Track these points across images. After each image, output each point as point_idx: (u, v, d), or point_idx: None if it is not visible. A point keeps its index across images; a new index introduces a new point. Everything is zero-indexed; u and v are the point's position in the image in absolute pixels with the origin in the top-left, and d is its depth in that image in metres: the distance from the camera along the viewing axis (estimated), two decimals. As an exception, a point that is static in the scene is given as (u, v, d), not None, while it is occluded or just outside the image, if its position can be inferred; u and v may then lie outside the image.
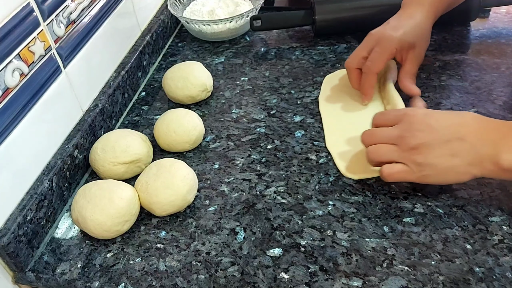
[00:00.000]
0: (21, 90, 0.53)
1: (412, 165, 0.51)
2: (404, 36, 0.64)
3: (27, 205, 0.53)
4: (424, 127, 0.51)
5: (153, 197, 0.55)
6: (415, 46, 0.65)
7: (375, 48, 0.64)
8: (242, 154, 0.64)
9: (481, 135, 0.49)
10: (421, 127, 0.51)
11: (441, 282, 0.47)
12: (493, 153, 0.48)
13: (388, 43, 0.64)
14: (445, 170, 0.50)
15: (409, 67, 0.67)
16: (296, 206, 0.56)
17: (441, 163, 0.50)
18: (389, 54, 0.64)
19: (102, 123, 0.68)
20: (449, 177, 0.51)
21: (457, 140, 0.49)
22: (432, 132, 0.50)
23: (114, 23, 0.72)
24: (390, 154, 0.53)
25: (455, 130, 0.50)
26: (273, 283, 0.49)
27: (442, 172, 0.51)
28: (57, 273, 0.53)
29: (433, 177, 0.51)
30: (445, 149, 0.50)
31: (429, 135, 0.50)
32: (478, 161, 0.49)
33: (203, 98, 0.74)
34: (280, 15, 0.88)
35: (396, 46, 0.64)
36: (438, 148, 0.50)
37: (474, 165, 0.49)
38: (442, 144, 0.50)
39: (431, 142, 0.50)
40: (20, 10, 0.52)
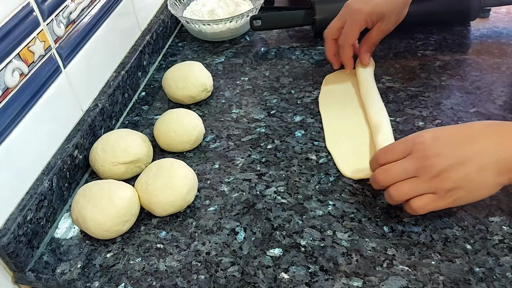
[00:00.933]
0: (21, 90, 0.53)
1: (441, 192, 0.48)
2: (375, 8, 0.67)
3: (27, 205, 0.53)
4: (439, 150, 0.48)
5: (153, 197, 0.55)
6: (384, 18, 0.69)
7: (347, 22, 0.69)
8: (242, 154, 0.64)
9: (499, 140, 0.47)
10: (436, 151, 0.48)
11: (441, 282, 0.47)
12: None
13: (358, 15, 0.68)
14: (476, 188, 0.47)
15: (372, 35, 0.71)
16: (296, 206, 0.56)
17: (470, 182, 0.47)
18: (359, 26, 0.68)
19: (102, 123, 0.68)
20: (482, 193, 0.48)
21: (479, 154, 0.47)
22: (450, 153, 0.47)
23: (114, 23, 0.72)
24: (415, 189, 0.49)
25: (472, 145, 0.47)
26: (273, 283, 0.49)
27: (473, 190, 0.47)
28: (57, 273, 0.52)
29: (466, 198, 0.48)
30: (469, 166, 0.46)
31: (448, 157, 0.47)
32: (505, 169, 0.46)
33: (203, 98, 0.74)
34: (280, 15, 0.87)
35: (365, 18, 0.68)
36: (462, 168, 0.46)
37: (502, 174, 0.46)
38: (465, 162, 0.47)
39: (452, 164, 0.47)
40: (20, 10, 0.52)
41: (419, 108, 0.68)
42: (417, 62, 0.76)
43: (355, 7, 0.68)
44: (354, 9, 0.68)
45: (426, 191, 0.48)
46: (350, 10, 0.69)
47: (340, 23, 0.70)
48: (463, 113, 0.66)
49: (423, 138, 0.49)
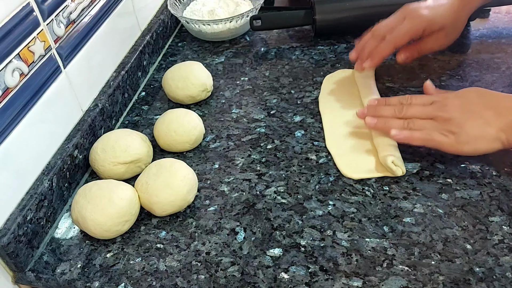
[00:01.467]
0: (21, 90, 0.53)
1: (448, 133, 0.55)
2: (436, 18, 0.64)
3: (27, 205, 0.53)
4: (457, 102, 0.56)
5: (153, 197, 0.55)
6: (443, 30, 0.65)
7: (405, 22, 0.64)
8: (242, 154, 0.64)
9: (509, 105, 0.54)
10: (455, 103, 0.56)
11: (441, 282, 0.47)
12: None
13: (418, 19, 0.64)
14: (478, 137, 0.54)
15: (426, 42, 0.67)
16: (296, 206, 0.56)
17: (474, 131, 0.54)
18: (416, 31, 0.65)
19: (102, 123, 0.68)
20: (481, 144, 0.55)
21: (488, 110, 0.54)
22: (466, 107, 0.55)
23: (114, 23, 0.72)
24: (427, 125, 0.57)
25: (486, 104, 0.55)
26: (273, 283, 0.49)
27: (475, 139, 0.54)
28: (57, 273, 0.52)
29: (466, 144, 0.55)
30: (478, 119, 0.54)
31: (463, 108, 0.55)
32: (507, 127, 0.53)
33: (203, 98, 0.74)
34: (280, 15, 0.87)
35: (425, 26, 0.64)
36: (471, 118, 0.54)
37: (503, 131, 0.53)
38: (475, 116, 0.55)
39: (464, 113, 0.55)
40: (20, 10, 0.52)
41: (419, 108, 0.68)
42: (417, 62, 0.76)
43: (418, 12, 0.64)
44: (418, 13, 0.64)
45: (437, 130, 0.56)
46: (411, 12, 0.64)
47: (396, 23, 0.65)
48: None
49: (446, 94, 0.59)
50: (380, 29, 0.67)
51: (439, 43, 0.67)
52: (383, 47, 0.66)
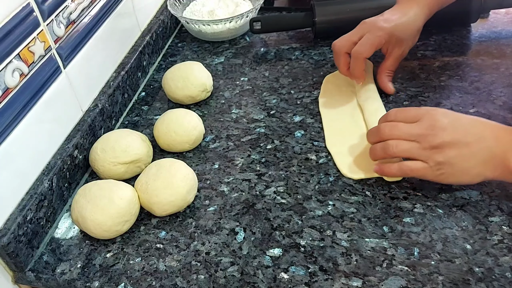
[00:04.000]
0: (21, 90, 0.53)
1: (432, 163, 0.52)
2: (395, 30, 0.65)
3: (27, 205, 0.53)
4: (447, 126, 0.52)
5: (153, 197, 0.55)
6: (402, 43, 0.67)
7: (366, 35, 0.66)
8: (242, 154, 0.64)
9: (495, 136, 0.50)
10: (444, 126, 0.52)
11: (441, 282, 0.47)
12: (504, 154, 0.49)
13: (379, 32, 0.65)
14: (462, 171, 0.51)
15: (390, 62, 0.69)
16: (296, 206, 0.56)
17: (458, 163, 0.51)
18: (378, 42, 0.65)
19: (102, 123, 0.68)
20: (464, 178, 0.52)
21: (477, 142, 0.50)
22: (455, 132, 0.51)
23: (114, 23, 0.72)
24: (412, 150, 0.53)
25: (476, 132, 0.51)
26: (273, 283, 0.49)
27: (458, 172, 0.51)
28: (57, 273, 0.53)
29: (450, 177, 0.52)
30: (465, 149, 0.50)
31: (452, 134, 0.51)
32: (491, 162, 0.50)
33: (203, 98, 0.74)
34: (280, 17, 0.88)
35: (385, 37, 0.65)
36: (459, 148, 0.51)
37: (487, 166, 0.50)
38: (464, 145, 0.50)
39: (453, 142, 0.51)
40: (20, 10, 0.52)
41: (418, 109, 0.68)
42: (417, 63, 0.76)
43: (378, 24, 0.65)
44: (377, 25, 0.65)
45: (419, 157, 0.52)
46: (371, 25, 0.66)
47: (357, 38, 0.66)
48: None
49: (436, 111, 0.54)
50: (342, 46, 0.68)
51: (401, 55, 0.69)
52: (356, 65, 0.67)
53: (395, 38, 0.66)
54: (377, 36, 0.65)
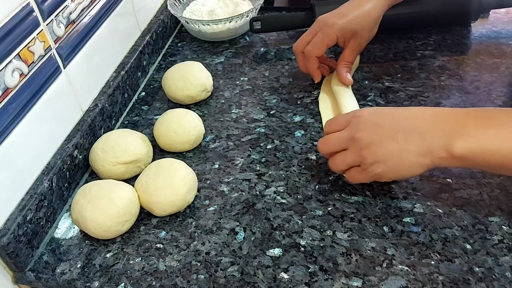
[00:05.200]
0: (21, 90, 0.53)
1: (364, 166, 0.51)
2: (347, 24, 0.67)
3: (27, 205, 0.53)
4: (371, 125, 0.51)
5: (153, 197, 0.55)
6: (357, 35, 0.68)
7: (317, 34, 0.68)
8: (242, 154, 0.64)
9: (432, 125, 0.48)
10: (368, 126, 0.51)
11: (441, 282, 0.47)
12: (444, 142, 0.46)
13: (330, 29, 0.67)
14: (396, 166, 0.50)
15: (347, 54, 0.70)
16: (296, 206, 0.56)
17: (391, 159, 0.49)
18: (329, 40, 0.67)
19: (102, 123, 0.68)
20: (403, 172, 0.50)
21: (405, 133, 0.49)
22: (379, 129, 0.50)
23: (114, 23, 0.72)
24: (346, 160, 0.53)
25: (403, 124, 0.49)
26: (273, 283, 0.49)
27: (394, 168, 0.50)
28: (57, 273, 0.53)
29: (387, 174, 0.51)
30: (393, 144, 0.49)
31: (376, 132, 0.50)
32: (429, 151, 0.47)
33: (203, 98, 0.74)
34: (280, 17, 0.88)
35: (337, 33, 0.67)
36: (386, 145, 0.49)
37: (425, 156, 0.48)
38: (390, 140, 0.49)
39: (378, 140, 0.49)
40: (20, 10, 0.52)
41: (418, 108, 0.68)
42: (417, 62, 0.76)
43: (329, 22, 0.67)
44: (328, 23, 0.67)
45: (354, 163, 0.52)
46: (323, 24, 0.68)
47: (311, 36, 0.69)
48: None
49: (361, 112, 0.53)
50: (297, 46, 0.71)
51: (358, 47, 0.70)
52: (308, 63, 0.70)
53: (349, 31, 0.67)
54: (327, 34, 0.67)
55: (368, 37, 0.70)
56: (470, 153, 0.46)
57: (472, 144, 0.45)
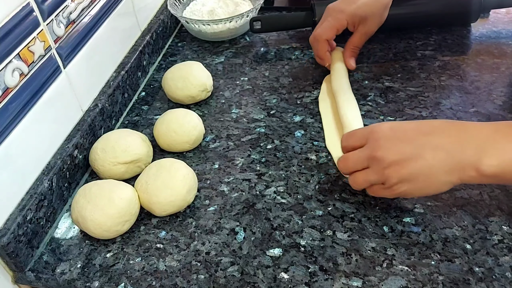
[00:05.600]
0: (21, 90, 0.53)
1: (388, 184, 0.48)
2: (357, 10, 0.69)
3: (27, 205, 0.53)
4: (393, 142, 0.48)
5: (153, 197, 0.55)
6: (367, 20, 0.70)
7: (327, 18, 0.71)
8: (242, 154, 0.64)
9: (459, 141, 0.46)
10: (389, 143, 0.48)
11: (441, 282, 0.47)
12: (474, 159, 0.44)
13: (339, 14, 0.70)
14: (423, 184, 0.47)
15: (355, 39, 0.73)
16: (296, 206, 0.56)
17: (416, 178, 0.47)
18: (339, 24, 0.70)
19: (102, 123, 0.68)
20: (428, 190, 0.49)
21: (432, 151, 0.46)
22: (401, 147, 0.47)
23: (114, 23, 0.72)
24: (368, 179, 0.50)
25: (427, 141, 0.47)
26: (273, 283, 0.49)
27: (420, 186, 0.48)
28: (57, 273, 0.53)
29: (413, 192, 0.49)
30: (419, 163, 0.46)
31: (399, 150, 0.47)
32: (457, 169, 0.45)
33: (203, 98, 0.74)
34: (280, 17, 0.88)
35: (346, 18, 0.70)
36: (412, 163, 0.46)
37: (453, 174, 0.46)
38: (415, 158, 0.46)
39: (403, 158, 0.47)
40: (20, 10, 0.52)
41: (418, 108, 0.68)
42: (417, 62, 0.76)
43: (338, 8, 0.70)
44: (337, 9, 0.70)
45: (377, 182, 0.50)
46: (332, 10, 0.71)
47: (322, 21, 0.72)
48: (463, 113, 0.66)
49: (380, 128, 0.50)
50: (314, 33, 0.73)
51: (367, 32, 0.72)
52: (318, 46, 0.72)
53: (358, 17, 0.70)
54: (337, 19, 0.70)
55: (378, 23, 0.72)
56: (502, 170, 0.44)
57: (503, 161, 0.43)
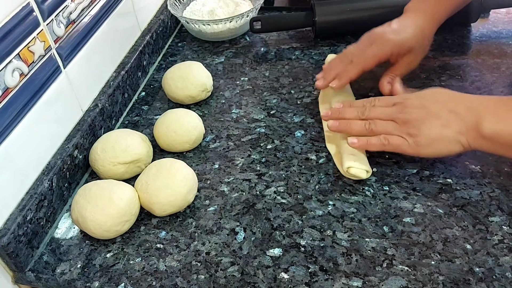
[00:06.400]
0: (21, 90, 0.53)
1: (407, 136, 0.55)
2: (404, 41, 0.64)
3: (27, 205, 0.53)
4: (418, 104, 0.56)
5: (153, 197, 0.55)
6: (412, 52, 0.66)
7: (372, 46, 0.65)
8: (242, 154, 0.64)
9: (468, 105, 0.53)
10: (415, 104, 0.56)
11: (441, 282, 0.47)
12: (476, 121, 0.51)
13: (386, 44, 0.64)
14: (436, 140, 0.54)
15: (397, 67, 0.67)
16: (296, 206, 0.56)
17: (432, 133, 0.54)
18: (383, 55, 0.65)
19: (102, 123, 0.68)
20: (441, 147, 0.54)
21: (447, 113, 0.54)
22: (425, 108, 0.55)
23: (114, 23, 0.72)
24: (389, 128, 0.57)
25: (445, 105, 0.55)
26: (273, 283, 0.49)
27: (434, 141, 0.54)
28: (57, 273, 0.52)
29: (427, 147, 0.54)
30: (436, 121, 0.54)
31: (422, 110, 0.55)
32: (465, 129, 0.52)
33: (203, 98, 0.74)
34: (280, 17, 0.88)
35: (392, 50, 0.64)
36: (430, 121, 0.54)
37: (462, 134, 0.53)
38: (434, 117, 0.54)
39: (424, 116, 0.55)
40: (20, 10, 0.52)
41: (419, 108, 0.67)
42: (417, 62, 0.76)
43: (386, 36, 0.64)
44: (385, 37, 0.64)
45: (395, 133, 0.56)
46: (379, 36, 0.65)
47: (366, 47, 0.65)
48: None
49: (409, 95, 0.59)
50: (348, 53, 0.67)
51: (411, 64, 0.67)
52: (350, 69, 0.66)
53: (405, 48, 0.65)
54: (382, 49, 0.64)
55: (422, 56, 0.68)
56: (497, 133, 0.50)
57: (500, 126, 0.51)
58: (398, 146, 0.56)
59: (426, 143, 0.54)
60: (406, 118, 0.55)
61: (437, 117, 0.54)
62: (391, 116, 0.57)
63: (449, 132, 0.53)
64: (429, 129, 0.54)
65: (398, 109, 0.57)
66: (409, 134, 0.55)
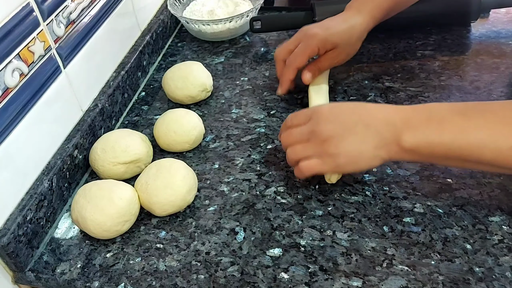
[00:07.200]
0: (21, 90, 0.53)
1: (325, 157, 0.53)
2: (330, 37, 0.66)
3: (27, 205, 0.53)
4: (332, 119, 0.53)
5: (153, 197, 0.55)
6: (338, 48, 0.67)
7: (300, 44, 0.67)
8: (242, 154, 0.64)
9: (385, 120, 0.51)
10: (329, 119, 0.53)
11: (441, 282, 0.47)
12: (395, 135, 0.50)
13: (312, 40, 0.66)
14: (356, 157, 0.52)
15: (321, 61, 0.69)
16: (296, 206, 0.56)
17: (351, 151, 0.52)
18: (311, 51, 0.66)
19: (102, 123, 0.68)
20: (361, 163, 0.52)
21: (363, 128, 0.51)
22: (340, 123, 0.52)
23: (114, 23, 0.72)
24: (305, 150, 0.54)
25: (360, 119, 0.52)
26: (273, 283, 0.49)
27: (353, 159, 0.52)
28: (57, 273, 0.53)
29: (347, 166, 0.53)
30: (354, 137, 0.51)
31: (337, 126, 0.52)
32: (384, 144, 0.50)
33: (203, 98, 0.74)
34: (280, 17, 0.87)
35: (318, 45, 0.66)
36: (347, 137, 0.52)
37: (380, 148, 0.51)
38: (350, 133, 0.52)
39: (339, 132, 0.52)
40: (20, 10, 0.52)
41: (418, 108, 0.68)
42: (417, 62, 0.76)
43: (311, 32, 0.66)
44: (310, 33, 0.66)
45: (313, 154, 0.53)
46: (305, 34, 0.67)
47: (294, 45, 0.68)
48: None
49: (322, 107, 0.56)
50: (279, 54, 0.70)
51: (335, 60, 0.69)
52: (286, 72, 0.68)
53: (330, 43, 0.66)
54: (309, 45, 0.66)
55: (349, 53, 0.69)
56: (417, 146, 0.49)
57: (418, 138, 0.48)
58: (320, 170, 0.54)
59: (345, 162, 0.52)
60: (323, 137, 0.52)
61: (353, 133, 0.51)
62: (307, 136, 0.54)
63: (368, 147, 0.51)
64: (347, 147, 0.51)
65: (313, 126, 0.54)
66: (328, 154, 0.52)
